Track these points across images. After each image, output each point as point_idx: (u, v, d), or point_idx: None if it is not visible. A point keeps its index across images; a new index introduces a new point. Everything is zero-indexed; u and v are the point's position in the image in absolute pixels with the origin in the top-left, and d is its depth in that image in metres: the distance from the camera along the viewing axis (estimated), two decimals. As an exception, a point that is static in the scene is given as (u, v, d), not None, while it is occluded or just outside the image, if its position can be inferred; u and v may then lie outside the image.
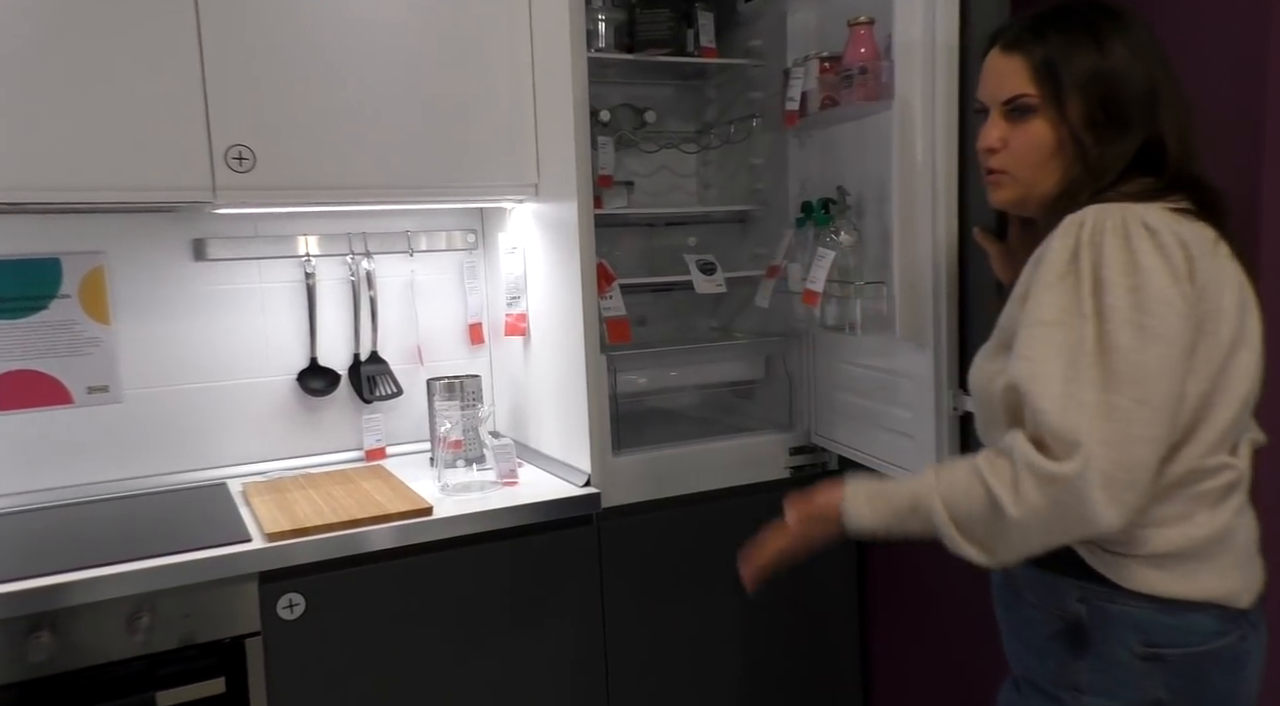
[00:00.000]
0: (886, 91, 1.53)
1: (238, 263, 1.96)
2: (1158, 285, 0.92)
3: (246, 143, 1.62)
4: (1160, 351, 0.91)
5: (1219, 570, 0.99)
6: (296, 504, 1.69)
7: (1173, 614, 0.98)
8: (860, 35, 1.58)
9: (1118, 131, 1.02)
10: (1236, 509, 1.01)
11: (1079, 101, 1.03)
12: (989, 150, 1.10)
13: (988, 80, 1.11)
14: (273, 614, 1.52)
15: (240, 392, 1.98)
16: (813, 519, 1.14)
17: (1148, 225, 0.94)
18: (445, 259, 2.16)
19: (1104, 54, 1.02)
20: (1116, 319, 0.92)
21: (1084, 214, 0.98)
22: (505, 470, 1.83)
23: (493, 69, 1.81)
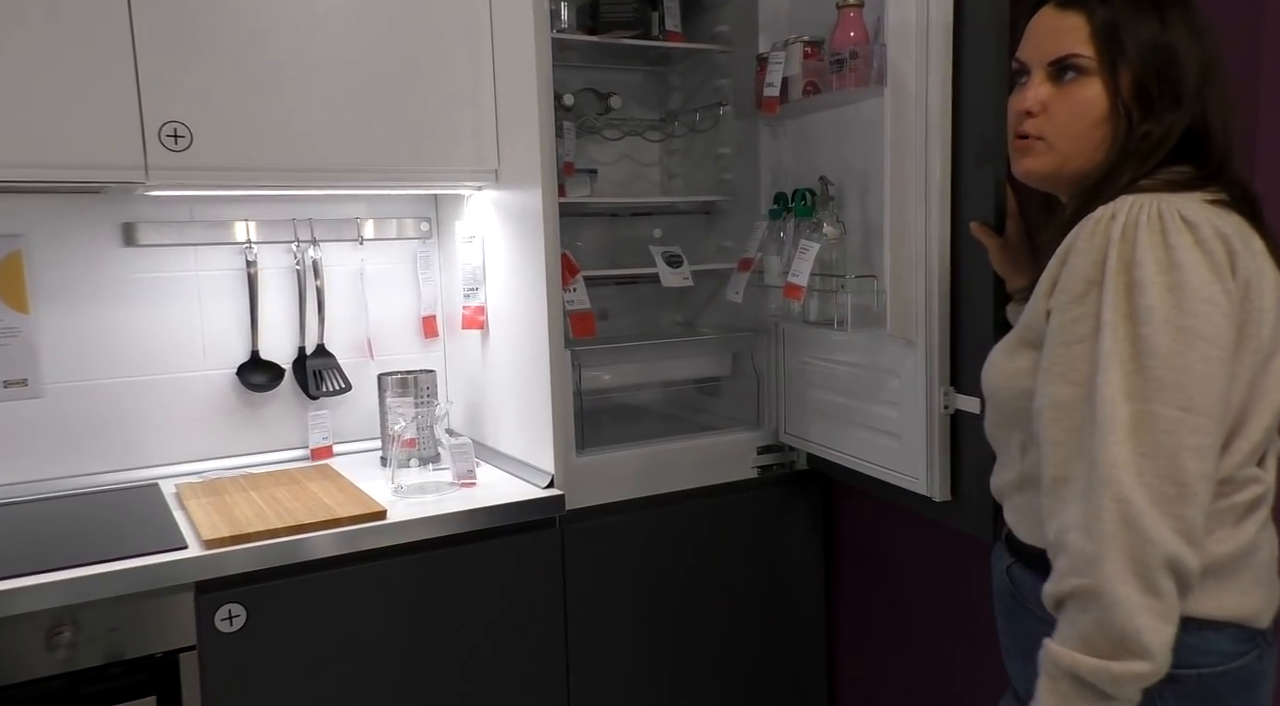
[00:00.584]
0: (878, 77, 1.47)
1: (171, 249, 1.82)
2: (1197, 282, 0.86)
3: (182, 120, 1.50)
4: (1203, 352, 0.85)
5: (1241, 588, 0.94)
6: (236, 507, 1.57)
7: (1191, 633, 0.92)
8: (850, 18, 1.52)
9: (1167, 109, 0.96)
10: (1260, 524, 0.96)
11: (1135, 71, 0.96)
12: (1026, 113, 1.01)
13: (1036, 38, 1.02)
14: (210, 626, 1.41)
15: (174, 387, 1.85)
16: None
17: (1186, 218, 0.88)
18: (397, 247, 2.05)
19: (1166, 26, 0.96)
20: (1155, 321, 0.86)
21: (1115, 207, 0.91)
22: (463, 470, 1.73)
23: (450, 48, 1.71)
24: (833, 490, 2.02)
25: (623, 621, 1.78)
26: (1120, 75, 0.97)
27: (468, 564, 1.60)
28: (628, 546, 1.78)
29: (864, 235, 1.61)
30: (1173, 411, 0.85)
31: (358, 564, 1.51)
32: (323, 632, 1.49)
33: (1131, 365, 0.86)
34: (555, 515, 1.68)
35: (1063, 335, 0.92)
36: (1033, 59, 1.02)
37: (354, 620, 1.51)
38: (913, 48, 1.43)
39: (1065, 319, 0.92)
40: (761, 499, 1.92)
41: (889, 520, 1.90)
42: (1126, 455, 0.85)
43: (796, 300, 1.62)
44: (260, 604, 1.44)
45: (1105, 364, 0.87)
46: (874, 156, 1.54)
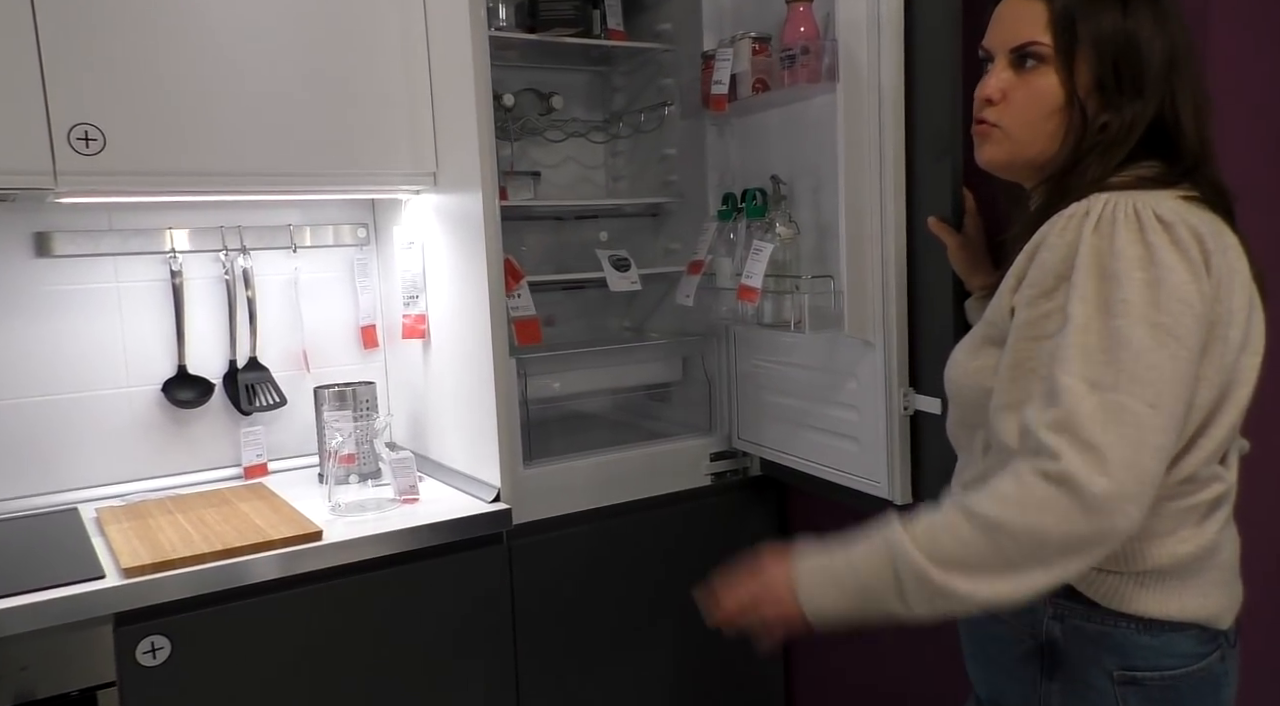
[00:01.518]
0: (829, 73, 1.44)
1: (88, 259, 1.72)
2: (1175, 282, 0.83)
3: (94, 121, 1.41)
4: (1173, 352, 0.83)
5: (1202, 589, 0.92)
6: (161, 531, 1.48)
7: (1154, 635, 0.91)
8: (800, 13, 1.49)
9: (1128, 100, 0.94)
10: (1222, 524, 0.94)
11: (1091, 60, 0.94)
12: (987, 100, 1.00)
13: (999, 25, 1.00)
14: (131, 660, 1.32)
15: (94, 406, 1.74)
16: (761, 602, 0.99)
17: (1161, 217, 0.86)
18: (334, 255, 1.97)
19: (1128, 13, 0.94)
20: (1131, 314, 0.83)
21: (1089, 204, 0.89)
22: (404, 486, 1.66)
23: (384, 46, 1.64)
24: (787, 495, 1.99)
25: (574, 638, 1.72)
26: (1076, 64, 0.95)
27: (410, 584, 1.53)
28: (578, 560, 1.72)
29: (818, 235, 1.58)
30: (1141, 407, 0.82)
31: (292, 588, 1.42)
32: (255, 663, 1.40)
33: (1102, 357, 0.84)
34: (502, 530, 1.61)
35: (1030, 330, 0.90)
36: (996, 46, 1.00)
37: (289, 648, 1.43)
38: (864, 41, 1.40)
39: (1033, 314, 0.90)
40: (715, 507, 1.88)
41: (846, 525, 1.86)
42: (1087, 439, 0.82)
43: (751, 302, 1.58)
44: (186, 635, 1.35)
45: (1068, 354, 0.85)
46: (826, 154, 1.51)
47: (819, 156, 1.55)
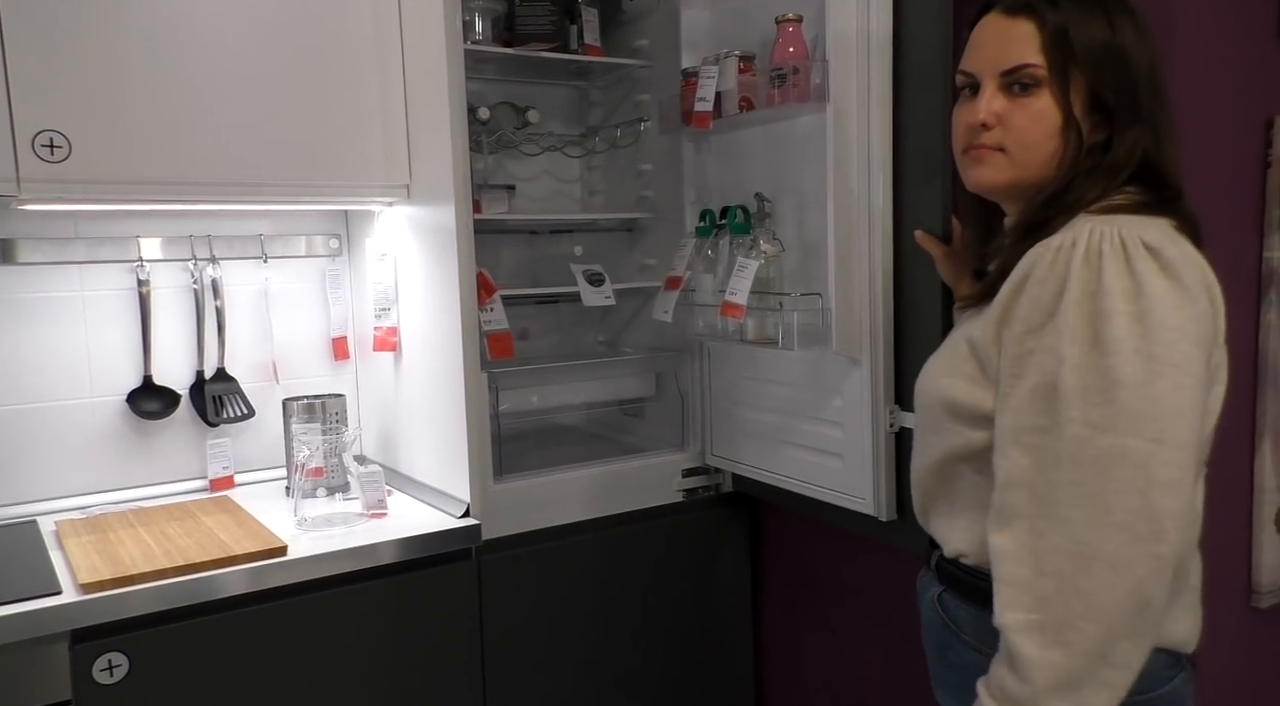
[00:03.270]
0: (818, 92, 1.44)
1: (53, 267, 1.69)
2: (1164, 310, 0.82)
3: (59, 128, 1.38)
4: (1174, 382, 0.81)
5: (1173, 615, 0.92)
6: (121, 545, 1.45)
7: None
8: (789, 33, 1.49)
9: (1126, 120, 0.93)
10: (1191, 549, 0.94)
11: (1085, 80, 0.93)
12: (980, 126, 0.96)
13: (984, 47, 0.98)
14: (87, 678, 1.28)
15: (55, 416, 1.71)
16: None
17: (1148, 244, 0.84)
18: (305, 266, 1.95)
19: (1114, 30, 0.93)
20: (1123, 351, 0.82)
21: (1074, 233, 0.87)
22: (373, 500, 1.64)
23: (358, 57, 1.63)
24: (759, 512, 1.99)
25: (544, 655, 1.71)
26: (1073, 84, 0.93)
27: (377, 601, 1.51)
28: (548, 576, 1.71)
29: (802, 252, 1.58)
30: (1143, 444, 0.81)
31: (256, 604, 1.40)
32: (216, 681, 1.38)
33: (1099, 397, 0.82)
34: (471, 546, 1.59)
35: (1015, 366, 0.89)
36: (982, 70, 0.98)
37: (252, 666, 1.40)
38: (853, 62, 1.41)
39: (1020, 351, 0.88)
40: (687, 523, 1.87)
41: (820, 540, 1.87)
42: (1092, 492, 0.82)
43: (736, 319, 1.58)
44: (144, 652, 1.32)
45: (1068, 399, 0.84)
46: (811, 172, 1.52)
47: (804, 175, 1.55)
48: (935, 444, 0.99)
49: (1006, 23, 0.96)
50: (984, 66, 0.98)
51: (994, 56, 0.97)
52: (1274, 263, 1.42)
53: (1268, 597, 1.48)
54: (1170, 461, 0.81)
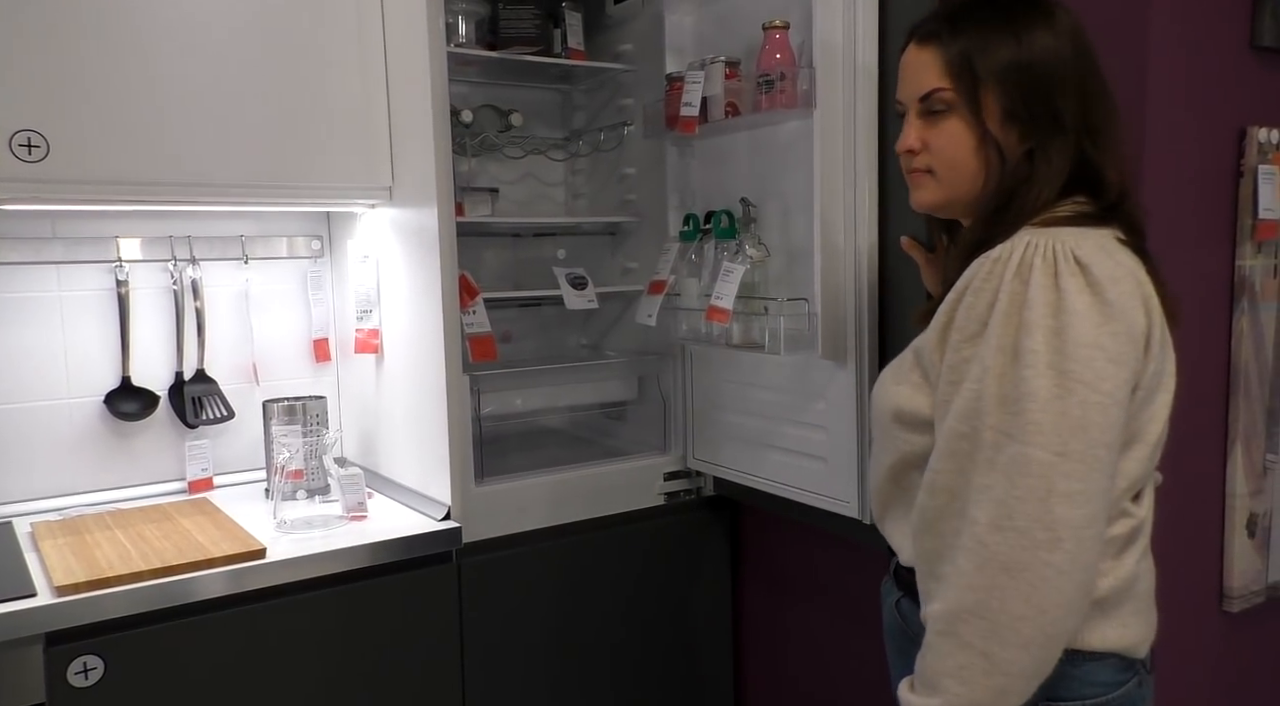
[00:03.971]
0: (805, 98, 1.45)
1: (30, 267, 1.68)
2: (1082, 327, 0.85)
3: (37, 128, 1.38)
4: (1081, 398, 0.84)
5: (1121, 620, 0.94)
6: (98, 547, 1.44)
7: (1075, 665, 0.92)
8: (776, 39, 1.50)
9: (1047, 131, 0.95)
10: (1139, 556, 0.96)
11: (996, 96, 0.95)
12: (909, 152, 1.02)
13: (904, 77, 1.03)
14: (62, 681, 1.27)
15: (31, 417, 1.70)
16: None
17: (1079, 259, 0.87)
18: (286, 267, 1.94)
19: (1023, 45, 0.95)
20: (1037, 364, 0.85)
21: (1012, 245, 0.90)
22: (353, 503, 1.64)
23: (339, 59, 1.63)
24: (739, 515, 1.99)
25: (524, 657, 1.70)
26: (983, 103, 0.96)
27: (356, 603, 1.50)
28: (528, 580, 1.71)
29: (787, 257, 1.59)
30: (1047, 455, 0.84)
31: (234, 607, 1.39)
32: (192, 684, 1.37)
33: (1013, 407, 0.86)
34: (451, 549, 1.59)
35: (953, 375, 0.91)
36: (905, 98, 1.03)
37: (229, 670, 1.40)
38: (840, 68, 1.43)
39: (958, 359, 0.91)
40: (668, 526, 1.88)
41: (801, 544, 1.88)
42: (998, 497, 0.85)
43: (722, 323, 1.58)
44: (120, 655, 1.31)
45: (987, 407, 0.87)
46: (797, 177, 1.53)
47: (790, 180, 1.56)
48: (888, 450, 1.02)
49: (917, 52, 1.01)
50: (906, 95, 1.03)
51: (911, 85, 1.02)
52: (1246, 271, 1.45)
53: (1239, 602, 1.50)
54: (1071, 474, 0.84)
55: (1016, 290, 0.87)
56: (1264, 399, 1.50)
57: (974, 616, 0.85)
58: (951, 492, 0.91)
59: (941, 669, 0.87)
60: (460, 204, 1.86)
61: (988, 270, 0.91)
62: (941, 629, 0.88)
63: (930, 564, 0.93)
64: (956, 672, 0.86)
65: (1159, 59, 1.31)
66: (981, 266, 0.91)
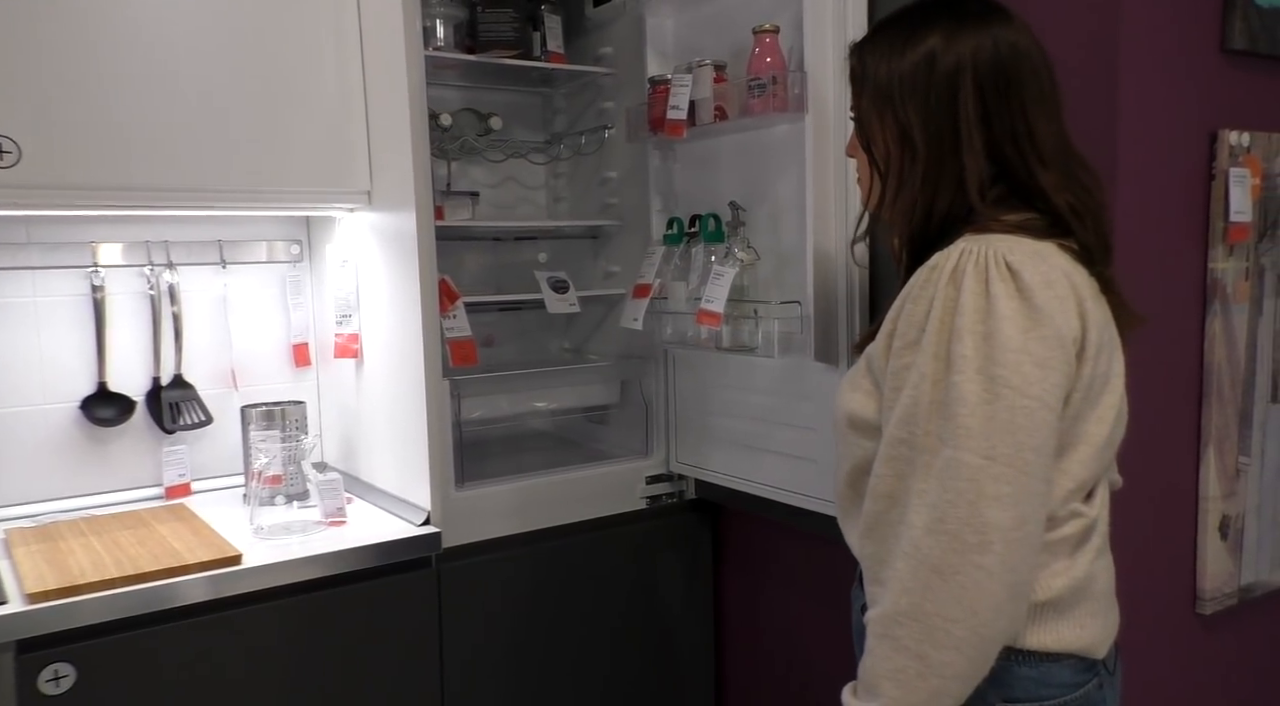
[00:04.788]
0: (797, 102, 1.46)
1: (5, 273, 1.67)
2: (1010, 332, 0.85)
3: (8, 133, 1.36)
4: (1009, 402, 0.85)
5: (1077, 620, 0.94)
6: (71, 554, 1.43)
7: (1032, 666, 0.92)
8: (767, 44, 1.50)
9: (946, 144, 0.95)
10: (1093, 556, 0.96)
11: (882, 117, 0.98)
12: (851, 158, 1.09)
13: None
14: (33, 689, 1.26)
15: (6, 423, 1.68)
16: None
17: (1010, 265, 0.88)
18: (265, 272, 1.93)
19: (904, 56, 0.95)
20: (967, 369, 0.86)
21: (947, 255, 0.91)
22: (331, 508, 1.63)
23: (315, 62, 1.63)
24: (721, 519, 1.99)
25: (504, 662, 1.70)
26: (870, 124, 1.01)
27: (334, 609, 1.49)
28: (509, 584, 1.70)
29: (776, 260, 1.59)
30: (976, 459, 0.85)
31: (208, 614, 1.38)
32: (166, 692, 1.36)
33: (945, 412, 0.87)
34: (431, 554, 1.58)
35: (895, 381, 0.92)
36: None
37: (204, 676, 1.39)
38: (830, 72, 1.43)
39: (898, 364, 0.92)
40: (650, 529, 1.87)
41: (785, 545, 1.87)
42: (931, 501, 0.86)
43: (714, 327, 1.58)
44: (92, 662, 1.30)
45: (922, 413, 0.89)
46: (786, 181, 1.54)
47: (778, 183, 1.57)
48: (845, 456, 1.02)
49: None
50: None
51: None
52: (1218, 274, 1.46)
53: (1211, 604, 1.51)
54: (1000, 477, 0.84)
55: (950, 296, 0.88)
56: (1236, 401, 1.51)
57: (909, 619, 0.86)
58: (892, 498, 0.91)
59: (880, 672, 0.88)
60: (440, 208, 1.86)
61: (924, 278, 0.92)
62: (879, 632, 0.89)
63: (873, 569, 0.94)
64: (893, 675, 0.87)
65: (1130, 63, 1.32)
66: (920, 274, 0.93)
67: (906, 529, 0.88)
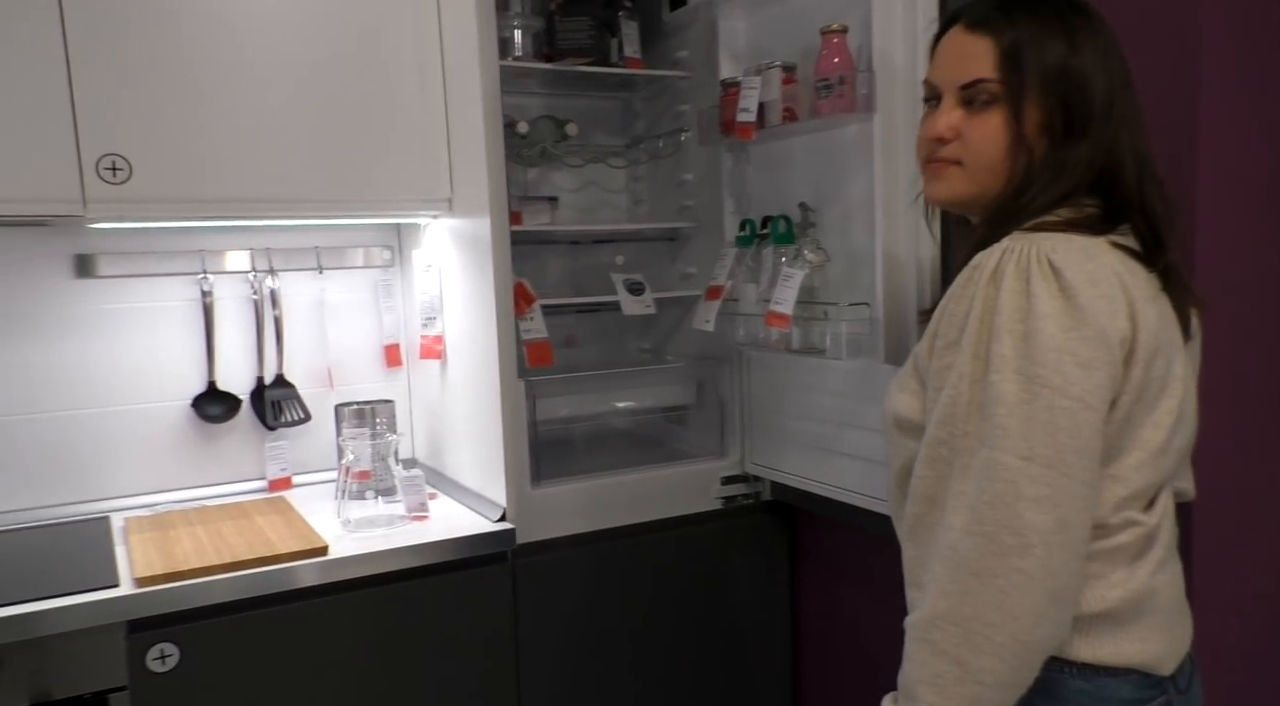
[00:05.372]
0: (865, 102, 1.44)
1: (125, 280, 1.81)
2: (1052, 331, 0.83)
3: (121, 152, 1.48)
4: (1048, 402, 0.83)
5: (1139, 634, 0.90)
6: (179, 542, 1.54)
7: (1085, 679, 0.89)
8: (834, 44, 1.49)
9: (1073, 141, 0.92)
10: (1155, 567, 0.92)
11: (1039, 99, 0.93)
12: (939, 139, 0.98)
13: (945, 61, 0.99)
14: (141, 666, 1.37)
15: (128, 419, 1.83)
16: None
17: (1054, 264, 0.85)
18: (359, 276, 2.03)
19: (1074, 49, 0.92)
20: (1005, 368, 0.84)
21: (992, 253, 0.89)
22: (414, 503, 1.70)
23: (400, 76, 1.70)
24: (798, 520, 1.98)
25: (578, 657, 1.74)
26: (1025, 103, 0.93)
27: (412, 601, 1.56)
28: (584, 581, 1.74)
29: (847, 261, 1.58)
30: (1014, 460, 0.83)
31: (295, 601, 1.47)
32: (258, 672, 1.45)
33: (983, 412, 0.85)
34: (506, 549, 1.64)
35: (937, 381, 0.91)
36: (943, 83, 0.99)
37: (291, 659, 1.48)
38: (899, 72, 1.41)
39: (939, 364, 0.91)
40: (725, 530, 1.88)
41: (861, 548, 1.85)
42: (970, 503, 0.85)
43: (783, 329, 1.58)
44: (193, 643, 1.40)
45: (960, 413, 0.87)
46: (856, 181, 1.52)
47: (849, 184, 1.55)
48: (894, 457, 1.01)
49: (967, 38, 0.97)
50: (944, 80, 0.99)
51: (953, 71, 0.98)
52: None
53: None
54: (1038, 478, 0.82)
55: (990, 296, 0.87)
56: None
57: (947, 623, 0.85)
58: (932, 500, 0.90)
59: (917, 676, 0.87)
60: (518, 213, 1.92)
61: (966, 277, 0.90)
62: (917, 636, 0.88)
63: (914, 572, 0.93)
64: (931, 680, 0.85)
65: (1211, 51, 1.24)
66: (962, 274, 0.91)
67: (945, 531, 0.87)
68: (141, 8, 1.49)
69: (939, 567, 0.87)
